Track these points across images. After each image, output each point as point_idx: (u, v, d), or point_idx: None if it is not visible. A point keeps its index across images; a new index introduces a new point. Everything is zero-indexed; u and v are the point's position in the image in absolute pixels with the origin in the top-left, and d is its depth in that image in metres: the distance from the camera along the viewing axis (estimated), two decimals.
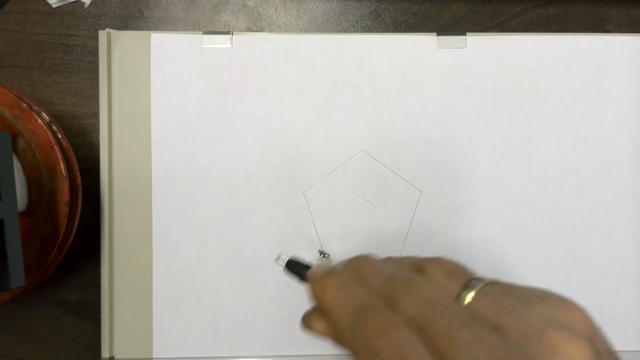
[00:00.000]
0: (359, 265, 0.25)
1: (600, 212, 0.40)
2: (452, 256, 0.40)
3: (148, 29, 0.41)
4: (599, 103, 0.40)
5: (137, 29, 0.41)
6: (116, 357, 0.39)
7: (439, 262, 0.23)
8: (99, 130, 0.39)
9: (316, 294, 0.25)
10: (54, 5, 0.41)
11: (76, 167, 0.37)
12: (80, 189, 0.37)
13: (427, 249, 0.39)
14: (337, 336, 0.24)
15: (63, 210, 0.35)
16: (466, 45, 0.40)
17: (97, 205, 0.39)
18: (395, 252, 0.39)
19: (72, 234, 0.37)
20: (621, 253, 0.40)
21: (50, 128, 0.35)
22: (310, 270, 0.28)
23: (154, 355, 0.39)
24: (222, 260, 0.39)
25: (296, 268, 0.31)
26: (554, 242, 0.40)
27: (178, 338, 0.39)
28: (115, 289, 0.39)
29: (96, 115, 0.41)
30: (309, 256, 0.39)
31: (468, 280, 0.21)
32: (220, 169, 0.39)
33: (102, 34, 0.39)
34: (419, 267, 0.23)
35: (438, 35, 0.40)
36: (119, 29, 0.40)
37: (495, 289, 0.20)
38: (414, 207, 0.39)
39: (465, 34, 0.40)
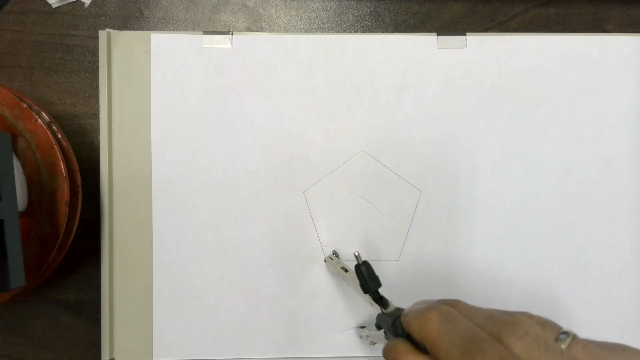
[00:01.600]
0: (454, 304, 0.26)
1: (600, 212, 0.40)
2: (451, 256, 0.40)
3: (148, 29, 0.41)
4: (599, 103, 0.40)
5: (137, 29, 0.41)
6: (116, 359, 0.39)
7: (528, 314, 0.25)
8: (99, 130, 0.39)
9: (418, 325, 0.26)
10: (54, 5, 0.41)
11: (76, 167, 0.37)
12: (80, 189, 0.37)
13: (427, 249, 0.39)
14: None
15: (63, 210, 0.35)
16: (466, 45, 0.40)
17: (97, 205, 0.39)
18: (395, 252, 0.39)
19: (72, 234, 0.37)
20: (621, 253, 0.40)
21: (50, 128, 0.35)
22: (410, 307, 0.29)
23: (154, 358, 0.39)
24: (222, 260, 0.39)
25: (366, 276, 0.32)
26: (554, 242, 0.40)
27: (178, 339, 0.39)
28: (115, 289, 0.39)
29: (96, 115, 0.41)
30: (308, 256, 0.39)
31: (559, 330, 0.24)
32: (220, 169, 0.39)
33: (102, 34, 0.39)
34: (510, 314, 0.25)
35: (438, 35, 0.40)
36: (119, 29, 0.40)
37: (583, 340, 0.23)
38: (414, 207, 0.39)
39: (465, 34, 0.40)
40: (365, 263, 0.32)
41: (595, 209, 0.40)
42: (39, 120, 0.35)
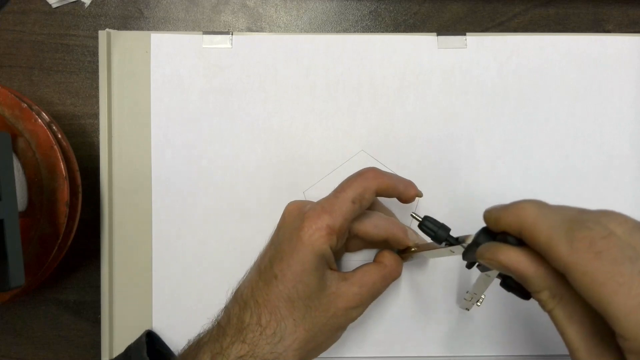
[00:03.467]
0: (540, 200, 0.26)
1: None
2: (452, 256, 0.40)
3: (148, 29, 0.41)
4: (599, 103, 0.40)
5: (137, 29, 0.41)
6: None
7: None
8: (99, 130, 0.39)
9: (511, 216, 0.26)
10: (54, 5, 0.41)
11: (76, 167, 0.37)
12: (80, 189, 0.37)
13: None
14: (541, 251, 0.24)
15: (63, 210, 0.35)
16: (466, 45, 0.40)
17: (97, 205, 0.39)
18: None
19: (72, 234, 0.37)
20: None
21: (50, 128, 0.35)
22: (490, 207, 0.29)
23: None
24: (222, 260, 0.39)
25: (431, 227, 0.32)
26: None
27: (178, 339, 0.39)
28: (115, 289, 0.39)
29: (96, 115, 0.41)
30: None
31: None
32: (220, 169, 0.39)
33: (102, 34, 0.39)
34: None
35: (438, 35, 0.40)
36: (119, 29, 0.40)
37: None
38: (414, 207, 0.39)
39: (465, 34, 0.40)
40: (426, 217, 0.33)
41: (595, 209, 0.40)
42: (39, 120, 0.35)
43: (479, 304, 0.36)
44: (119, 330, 0.39)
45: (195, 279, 0.39)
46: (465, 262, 0.31)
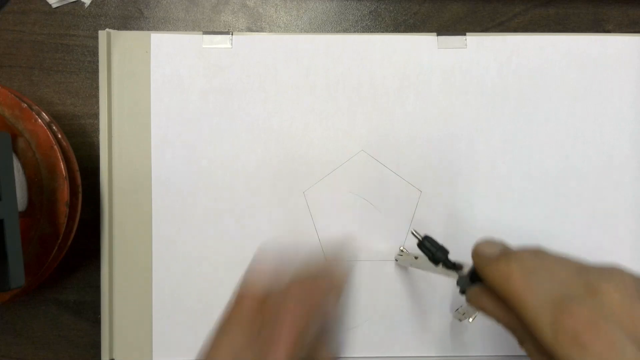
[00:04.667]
0: (535, 253, 0.25)
1: (600, 212, 0.40)
2: (452, 256, 0.40)
3: (148, 29, 0.41)
4: (599, 103, 0.40)
5: (137, 29, 0.41)
6: (116, 359, 0.39)
7: (621, 266, 0.24)
8: (99, 130, 0.39)
9: (498, 280, 0.24)
10: (54, 5, 0.41)
11: (76, 167, 0.37)
12: (80, 189, 0.37)
13: None
14: (521, 323, 0.23)
15: (63, 210, 0.35)
16: (466, 45, 0.40)
17: (97, 205, 0.39)
18: (395, 252, 0.39)
19: (72, 234, 0.37)
20: (621, 253, 0.40)
21: (50, 128, 0.35)
22: (480, 246, 0.27)
23: (154, 358, 0.39)
24: (222, 260, 0.39)
25: (429, 247, 0.32)
26: (554, 242, 0.40)
27: (178, 339, 0.39)
28: (115, 289, 0.39)
29: (96, 115, 0.41)
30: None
31: None
32: (220, 169, 0.39)
33: (102, 34, 0.39)
34: (601, 265, 0.24)
35: (438, 35, 0.40)
36: (119, 29, 0.40)
37: None
38: (414, 207, 0.39)
39: (465, 34, 0.40)
40: (426, 237, 0.32)
41: (595, 209, 0.40)
42: (39, 120, 0.35)
43: (470, 320, 0.36)
44: (119, 330, 0.39)
45: (195, 279, 0.39)
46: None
